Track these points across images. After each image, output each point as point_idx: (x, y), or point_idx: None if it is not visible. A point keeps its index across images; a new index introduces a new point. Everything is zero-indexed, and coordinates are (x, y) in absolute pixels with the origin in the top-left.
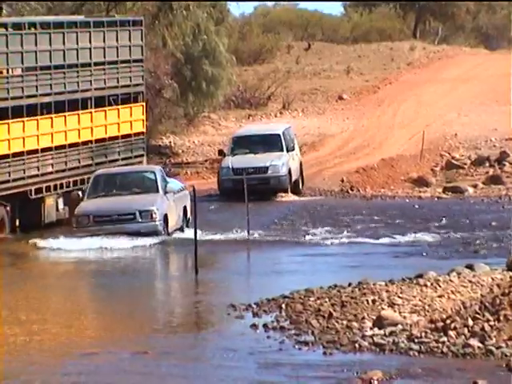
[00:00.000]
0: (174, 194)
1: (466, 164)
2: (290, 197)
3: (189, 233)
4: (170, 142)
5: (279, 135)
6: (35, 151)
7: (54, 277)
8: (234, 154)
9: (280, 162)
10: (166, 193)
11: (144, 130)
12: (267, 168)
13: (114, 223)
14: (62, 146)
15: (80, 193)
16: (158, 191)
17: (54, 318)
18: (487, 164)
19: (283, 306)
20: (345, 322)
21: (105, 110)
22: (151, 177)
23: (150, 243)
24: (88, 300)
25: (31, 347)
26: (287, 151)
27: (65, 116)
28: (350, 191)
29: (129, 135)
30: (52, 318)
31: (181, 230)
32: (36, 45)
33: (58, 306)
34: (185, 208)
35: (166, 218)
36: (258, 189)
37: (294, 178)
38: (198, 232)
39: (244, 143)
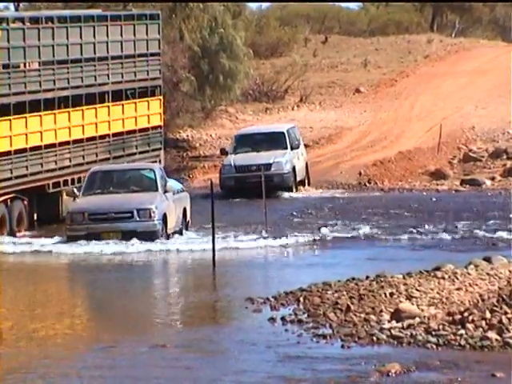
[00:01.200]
0: (173, 194)
1: (483, 157)
2: (294, 193)
3: (189, 236)
4: (188, 136)
5: (283, 133)
6: (52, 145)
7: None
8: (237, 153)
9: (284, 159)
10: (165, 192)
11: (161, 124)
12: (270, 165)
13: (110, 221)
14: (80, 140)
15: (75, 189)
16: (157, 190)
17: (69, 313)
18: (505, 156)
19: (301, 299)
20: (363, 315)
21: (122, 104)
22: (150, 175)
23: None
24: (102, 295)
25: (48, 341)
26: (291, 149)
27: (82, 110)
28: (368, 184)
29: (146, 129)
30: (67, 312)
31: (180, 233)
32: (53, 39)
33: (75, 297)
34: (184, 210)
35: (164, 218)
36: (260, 187)
37: (299, 178)
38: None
39: (247, 141)
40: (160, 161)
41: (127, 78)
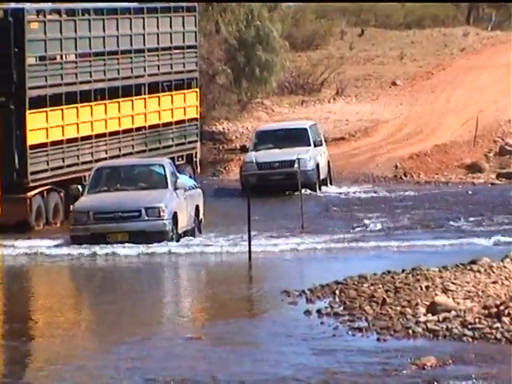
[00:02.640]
0: (184, 190)
1: None
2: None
3: (200, 239)
4: (224, 128)
5: (306, 129)
6: (89, 137)
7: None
8: (258, 150)
9: (307, 156)
10: (176, 189)
11: (198, 116)
12: (293, 162)
13: (117, 221)
14: (116, 132)
15: (80, 187)
16: (166, 187)
17: (105, 306)
18: None
19: (337, 291)
20: (398, 308)
21: (158, 96)
22: (159, 171)
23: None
24: (139, 287)
25: (83, 334)
26: (315, 146)
27: (118, 102)
28: (404, 177)
29: (182, 121)
30: (102, 305)
31: (192, 232)
32: (90, 31)
33: (108, 293)
34: (197, 208)
35: (175, 217)
36: (283, 184)
37: (322, 176)
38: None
39: (268, 138)
40: (196, 153)
41: (163, 70)
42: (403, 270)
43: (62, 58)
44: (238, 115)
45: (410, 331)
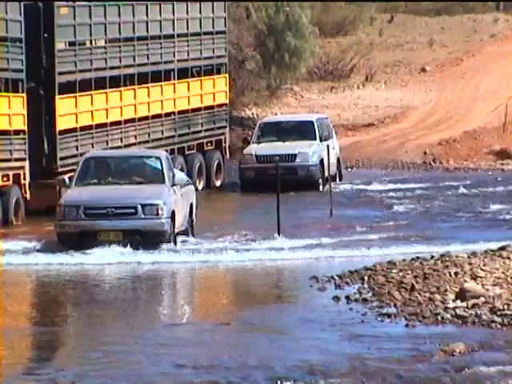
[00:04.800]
0: (180, 187)
1: None
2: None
3: (194, 242)
4: (253, 114)
5: (311, 122)
6: (118, 123)
7: None
8: (260, 142)
9: (310, 150)
10: (173, 185)
11: (227, 102)
12: (295, 156)
13: (110, 218)
14: (145, 118)
15: (66, 178)
16: (163, 182)
17: (136, 292)
18: None
19: (366, 277)
20: (427, 295)
21: (188, 82)
22: (156, 164)
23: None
24: (169, 275)
25: (109, 320)
26: (321, 141)
27: (148, 87)
28: (433, 163)
29: (212, 107)
30: (129, 295)
31: (185, 233)
32: (119, 16)
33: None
34: (191, 206)
35: (173, 216)
36: (284, 180)
37: (327, 173)
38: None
39: (272, 130)
40: (225, 139)
41: (193, 55)
42: (432, 257)
43: (91, 43)
44: (267, 101)
45: (439, 317)
